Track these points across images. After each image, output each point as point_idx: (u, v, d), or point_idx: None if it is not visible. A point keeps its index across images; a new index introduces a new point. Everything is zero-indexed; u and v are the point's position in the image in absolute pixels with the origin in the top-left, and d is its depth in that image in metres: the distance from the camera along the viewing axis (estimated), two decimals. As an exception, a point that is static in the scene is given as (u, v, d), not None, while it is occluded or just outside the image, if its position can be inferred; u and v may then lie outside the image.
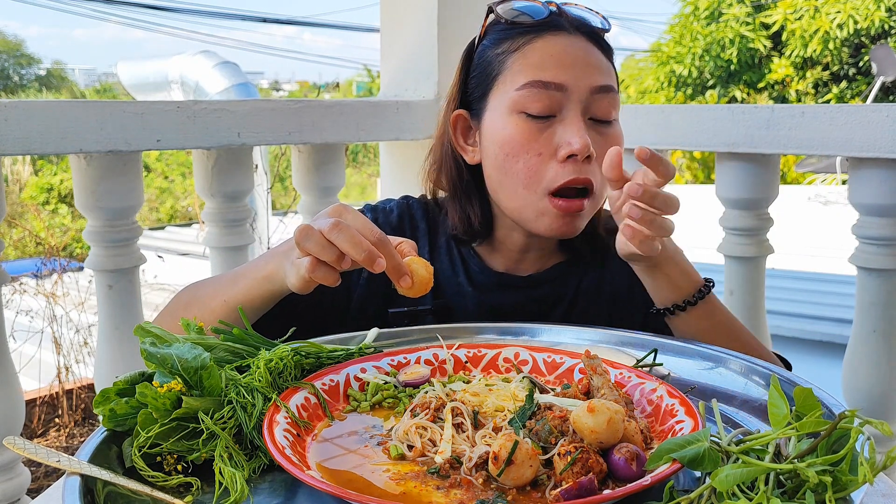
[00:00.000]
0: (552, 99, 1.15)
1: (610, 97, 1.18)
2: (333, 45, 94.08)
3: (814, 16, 16.13)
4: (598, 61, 1.19)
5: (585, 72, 1.16)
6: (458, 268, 1.30)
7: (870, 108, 1.70)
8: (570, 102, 1.15)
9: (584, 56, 1.18)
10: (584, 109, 1.16)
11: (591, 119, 1.17)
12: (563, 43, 1.18)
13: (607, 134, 1.18)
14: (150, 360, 0.86)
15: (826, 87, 16.66)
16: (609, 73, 1.20)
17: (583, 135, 1.13)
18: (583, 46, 1.19)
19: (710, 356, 1.06)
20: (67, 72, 34.17)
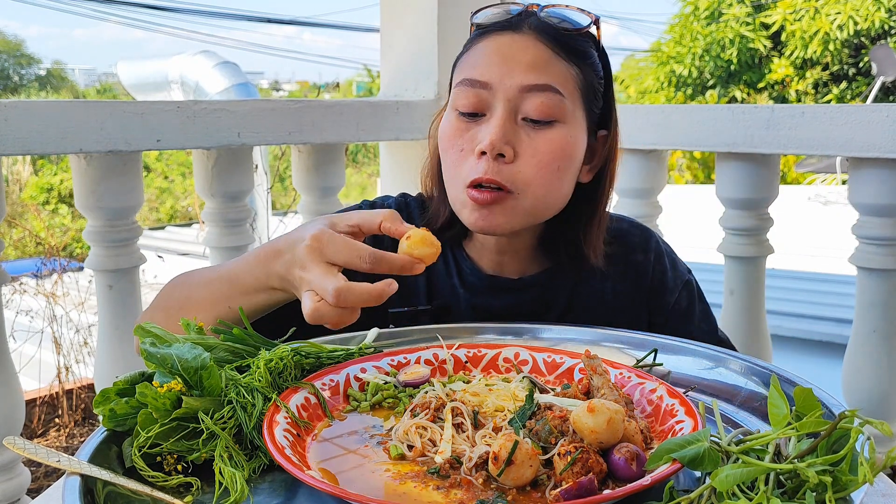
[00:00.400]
0: (479, 97, 1.13)
1: (545, 97, 1.11)
2: (333, 45, 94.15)
3: (814, 16, 16.13)
4: (538, 59, 1.13)
5: (516, 69, 1.12)
6: (451, 269, 1.29)
7: (870, 108, 1.70)
8: (496, 101, 1.12)
9: (519, 54, 1.13)
10: (511, 108, 1.12)
11: (525, 119, 1.13)
12: (501, 42, 1.14)
13: (540, 137, 1.12)
14: (150, 360, 0.86)
15: (826, 87, 16.66)
16: (549, 72, 1.13)
17: (495, 132, 1.10)
18: (524, 45, 1.13)
19: (710, 356, 1.06)
20: (67, 72, 34.18)
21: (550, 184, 1.14)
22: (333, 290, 0.90)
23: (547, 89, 1.12)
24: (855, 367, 1.85)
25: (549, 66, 1.13)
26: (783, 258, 4.62)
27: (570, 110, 1.15)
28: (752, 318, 1.99)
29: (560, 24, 1.16)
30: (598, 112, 1.22)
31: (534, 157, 1.12)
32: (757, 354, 1.93)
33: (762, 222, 1.96)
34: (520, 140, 1.13)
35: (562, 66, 1.14)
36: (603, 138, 1.24)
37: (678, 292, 1.32)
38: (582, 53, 1.17)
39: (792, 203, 8.23)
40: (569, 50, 1.15)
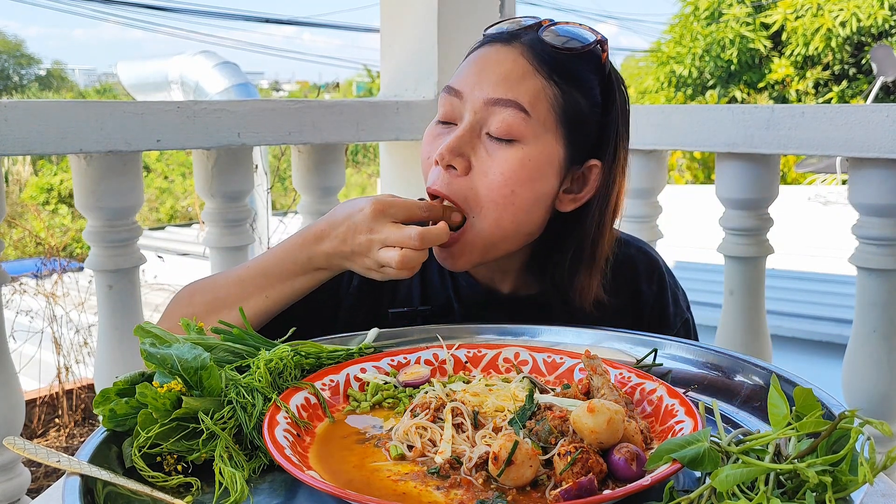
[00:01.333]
0: (452, 105, 1.11)
1: (507, 113, 1.06)
2: (333, 45, 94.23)
3: (816, 13, 16.13)
4: (511, 73, 1.08)
5: (486, 81, 1.08)
6: (447, 282, 1.26)
7: (870, 108, 1.70)
8: (465, 111, 1.09)
9: (494, 66, 1.09)
10: (476, 121, 1.08)
11: (488, 134, 1.08)
12: (485, 53, 1.12)
13: (497, 154, 1.07)
14: (150, 360, 0.86)
15: (826, 86, 16.66)
16: (519, 88, 1.07)
17: (449, 142, 1.07)
18: (503, 57, 1.09)
19: (710, 356, 1.06)
20: (67, 72, 34.18)
21: (503, 209, 1.08)
22: (417, 234, 1.02)
23: (511, 105, 1.07)
24: (855, 367, 1.85)
25: (522, 83, 1.08)
26: (783, 258, 4.62)
27: (536, 132, 1.08)
28: (752, 318, 1.99)
29: (554, 40, 1.11)
30: (588, 139, 1.13)
31: (486, 176, 1.07)
32: (757, 354, 1.93)
33: (762, 222, 1.96)
34: (477, 155, 1.08)
35: (537, 84, 1.09)
36: (594, 168, 1.14)
37: (676, 329, 1.29)
38: (570, 75, 1.11)
39: (792, 203, 8.23)
40: (554, 68, 1.09)
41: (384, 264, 1.04)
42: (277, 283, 1.13)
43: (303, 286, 1.14)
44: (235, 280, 1.17)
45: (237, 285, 1.16)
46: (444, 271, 1.27)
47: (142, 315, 1.90)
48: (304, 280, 1.13)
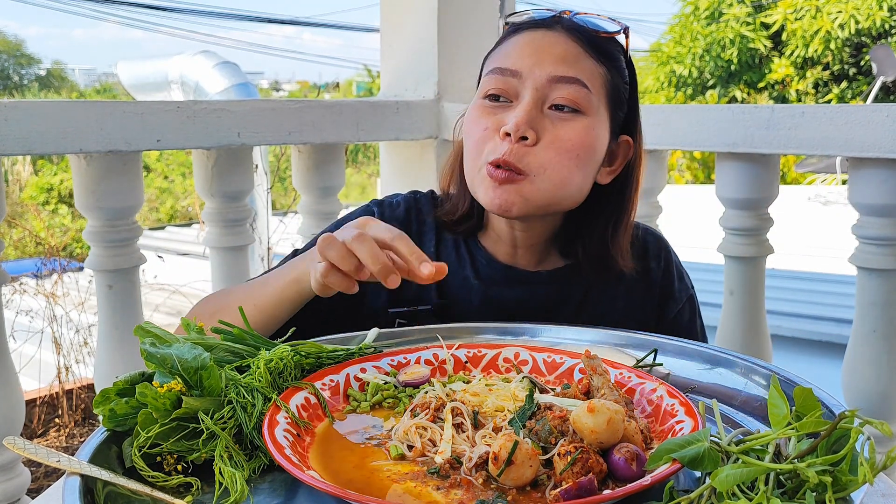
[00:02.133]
0: (508, 84, 1.17)
1: (573, 88, 1.15)
2: (333, 45, 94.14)
3: (815, 15, 16.13)
4: (568, 54, 1.17)
5: (546, 60, 1.16)
6: (464, 261, 1.31)
7: (870, 108, 1.70)
8: (525, 89, 1.16)
9: (550, 47, 1.17)
10: (539, 97, 1.16)
11: (552, 107, 1.16)
12: (534, 36, 1.19)
13: (563, 124, 1.16)
14: (150, 360, 0.86)
15: (826, 87, 16.66)
16: (578, 66, 1.16)
17: (521, 115, 1.14)
18: (556, 41, 1.18)
19: (710, 356, 1.06)
20: (67, 72, 34.17)
21: (567, 171, 1.17)
22: (358, 233, 0.96)
23: (575, 81, 1.16)
24: (855, 367, 1.85)
25: (579, 61, 1.17)
26: (783, 258, 4.62)
27: (596, 106, 1.18)
28: (752, 318, 1.99)
29: (589, 25, 1.20)
30: (622, 116, 1.24)
31: (553, 143, 1.15)
32: (757, 354, 1.93)
33: (762, 222, 1.96)
34: (544, 126, 1.16)
35: (590, 63, 1.18)
36: (625, 143, 1.26)
37: (682, 303, 1.35)
38: (610, 55, 1.21)
39: (792, 203, 8.23)
40: (598, 50, 1.19)
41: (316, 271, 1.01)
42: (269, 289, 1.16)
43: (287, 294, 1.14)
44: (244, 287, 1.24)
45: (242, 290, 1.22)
46: (462, 252, 1.31)
47: (142, 315, 1.90)
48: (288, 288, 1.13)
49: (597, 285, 1.30)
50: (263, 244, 4.04)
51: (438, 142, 2.34)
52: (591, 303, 1.30)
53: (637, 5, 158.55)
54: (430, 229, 1.34)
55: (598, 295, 1.30)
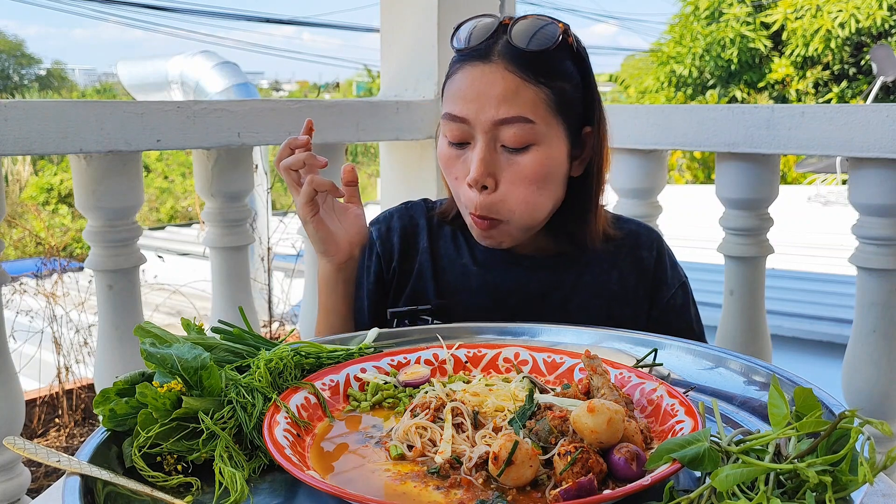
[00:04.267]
0: (461, 130, 1.21)
1: (517, 127, 1.18)
2: (333, 45, 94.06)
3: (815, 15, 16.12)
4: (507, 91, 1.17)
5: (487, 105, 1.18)
6: (462, 250, 1.36)
7: (870, 108, 1.70)
8: (476, 133, 1.20)
9: (489, 89, 1.18)
10: (489, 139, 1.19)
11: (504, 146, 1.20)
12: (473, 75, 1.20)
13: (517, 162, 1.20)
14: (150, 360, 0.85)
15: (826, 86, 16.66)
16: (518, 102, 1.18)
17: (477, 167, 1.19)
18: (493, 78, 1.18)
19: (710, 356, 1.06)
20: (67, 72, 34.16)
21: (535, 199, 1.23)
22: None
23: (518, 120, 1.18)
24: (855, 367, 1.85)
25: (519, 96, 1.18)
26: (783, 258, 4.62)
27: (545, 132, 1.20)
28: (752, 318, 1.99)
29: (528, 45, 1.18)
30: (579, 113, 1.25)
31: (513, 182, 1.20)
32: (757, 354, 1.93)
33: (762, 222, 1.96)
34: (500, 167, 1.21)
35: (531, 92, 1.19)
36: (588, 133, 1.27)
37: (674, 289, 1.37)
38: (553, 71, 1.20)
39: (792, 203, 8.23)
40: (538, 72, 1.19)
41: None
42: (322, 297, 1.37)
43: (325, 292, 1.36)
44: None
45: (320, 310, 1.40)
46: (460, 242, 1.37)
47: (142, 315, 1.90)
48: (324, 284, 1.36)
49: (591, 270, 1.33)
50: (263, 244, 4.04)
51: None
52: (585, 287, 1.33)
53: (637, 5, 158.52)
54: (422, 230, 1.39)
55: (591, 279, 1.33)
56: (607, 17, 63.23)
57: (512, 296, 1.31)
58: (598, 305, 1.31)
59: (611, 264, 1.34)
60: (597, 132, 1.28)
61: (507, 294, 1.32)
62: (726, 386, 1.01)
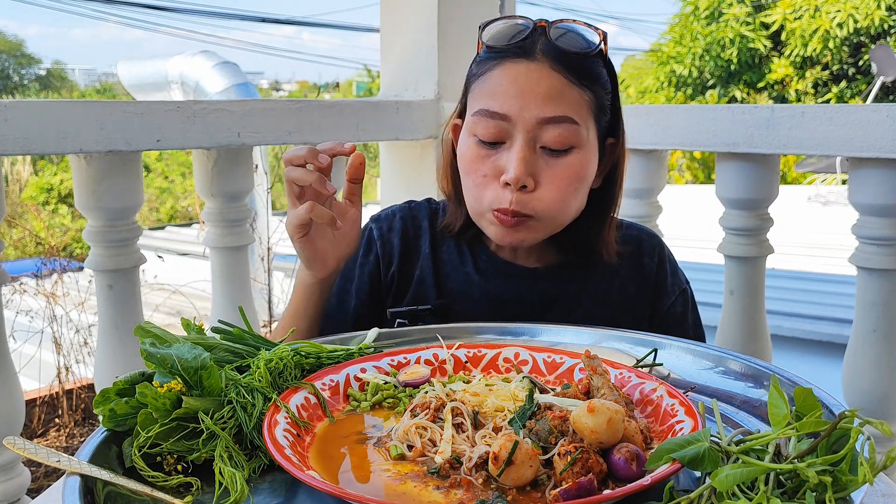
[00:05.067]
0: (498, 127, 1.18)
1: (562, 128, 1.16)
2: (333, 45, 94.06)
3: (814, 15, 16.13)
4: (553, 90, 1.16)
5: (533, 102, 1.16)
6: (465, 259, 1.34)
7: (870, 108, 1.70)
8: (516, 131, 1.17)
9: (535, 86, 1.16)
10: (530, 139, 1.17)
11: (543, 148, 1.18)
12: (517, 72, 1.17)
13: (558, 164, 1.18)
14: (150, 360, 0.85)
15: (826, 86, 16.66)
16: (564, 102, 1.17)
17: (518, 166, 1.16)
18: (539, 76, 1.16)
19: (710, 356, 1.06)
20: (67, 72, 34.15)
21: (568, 202, 1.21)
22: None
23: (564, 120, 1.17)
24: (855, 367, 1.85)
25: (564, 96, 1.17)
26: (783, 258, 4.62)
27: (585, 136, 1.19)
28: (752, 318, 1.99)
29: (570, 47, 1.18)
30: (607, 123, 1.25)
31: (552, 184, 1.18)
32: (757, 354, 1.93)
33: (762, 222, 1.96)
34: (539, 168, 1.19)
35: (576, 94, 1.18)
36: (611, 145, 1.28)
37: (674, 297, 1.37)
38: (593, 75, 1.20)
39: (792, 203, 8.23)
40: (581, 75, 1.18)
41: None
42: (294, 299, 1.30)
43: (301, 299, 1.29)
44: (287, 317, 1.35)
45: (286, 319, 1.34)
46: (463, 250, 1.35)
47: (142, 315, 1.90)
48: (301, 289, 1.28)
49: (592, 280, 1.33)
50: (263, 244, 4.04)
51: (438, 142, 2.34)
52: (587, 297, 1.33)
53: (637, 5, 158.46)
54: (424, 233, 1.37)
55: (593, 289, 1.33)
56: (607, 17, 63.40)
57: (514, 306, 1.30)
58: (601, 314, 1.30)
59: (613, 272, 1.33)
60: (620, 144, 1.28)
61: (508, 304, 1.30)
62: (726, 386, 1.01)
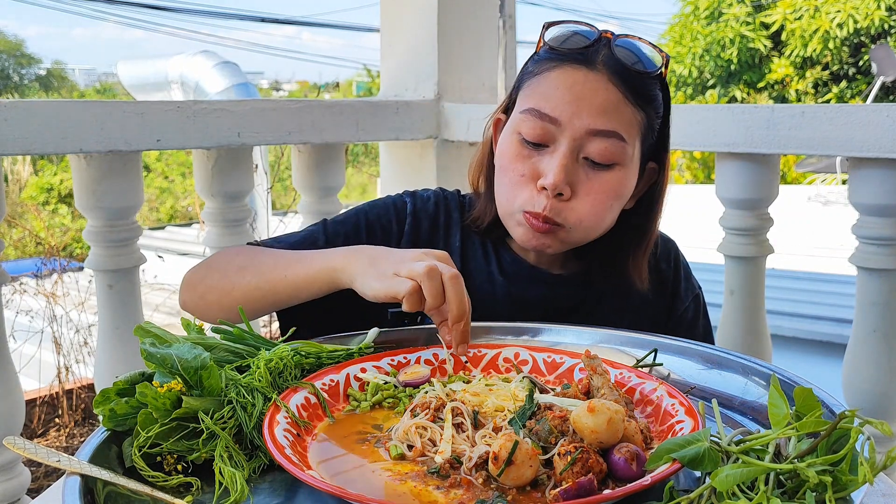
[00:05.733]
0: (545, 129, 1.16)
1: (609, 143, 1.15)
2: (333, 45, 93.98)
3: (814, 15, 16.12)
4: (608, 104, 1.15)
5: (586, 111, 1.14)
6: (490, 258, 1.33)
7: (870, 108, 1.70)
8: (563, 137, 1.15)
9: (591, 96, 1.14)
10: (575, 147, 1.15)
11: (586, 159, 1.16)
12: (575, 78, 1.16)
13: (598, 178, 1.17)
14: (150, 360, 0.86)
15: (826, 86, 16.65)
16: (617, 118, 1.15)
17: (558, 173, 1.14)
18: (597, 86, 1.15)
19: (710, 356, 1.06)
20: (67, 72, 34.12)
21: (602, 218, 1.20)
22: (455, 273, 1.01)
23: (612, 136, 1.15)
24: (855, 367, 1.85)
25: (618, 112, 1.15)
26: (783, 258, 4.62)
27: (629, 154, 1.18)
28: (752, 318, 1.99)
29: (634, 64, 1.17)
30: (652, 146, 1.24)
31: (589, 196, 1.17)
32: (757, 354, 1.93)
33: (762, 222, 1.96)
34: (578, 179, 1.17)
35: (629, 112, 1.16)
36: (651, 170, 1.26)
37: (688, 302, 1.38)
38: (649, 96, 1.19)
39: (792, 203, 8.23)
40: (638, 93, 1.17)
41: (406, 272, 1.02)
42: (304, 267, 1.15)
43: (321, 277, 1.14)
44: (277, 255, 1.22)
45: (274, 257, 1.21)
46: (489, 250, 1.34)
47: (142, 315, 1.90)
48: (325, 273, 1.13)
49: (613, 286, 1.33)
50: (263, 244, 4.03)
51: (438, 142, 2.35)
52: (607, 303, 1.33)
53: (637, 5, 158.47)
54: (455, 224, 1.35)
55: (612, 293, 1.33)
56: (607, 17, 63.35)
57: (535, 309, 1.29)
58: (620, 321, 1.29)
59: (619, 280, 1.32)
60: (662, 171, 1.27)
61: (531, 307, 1.30)
62: (726, 386, 1.01)
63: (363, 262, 1.09)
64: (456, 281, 1.00)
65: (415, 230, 1.33)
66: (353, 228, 1.32)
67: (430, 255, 1.04)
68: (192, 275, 1.29)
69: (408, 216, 1.34)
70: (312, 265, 1.15)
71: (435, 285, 0.99)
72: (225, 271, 1.23)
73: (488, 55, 2.43)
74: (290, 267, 1.17)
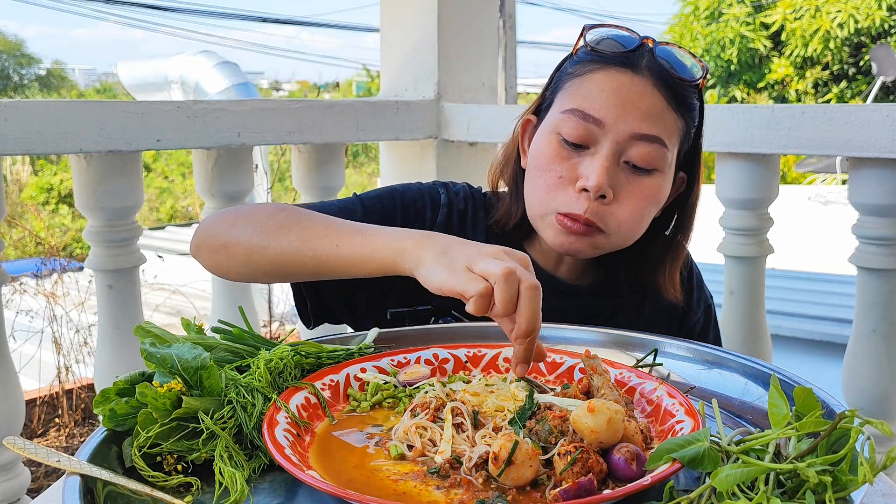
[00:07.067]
0: (588, 131, 1.15)
1: (652, 147, 1.14)
2: (333, 45, 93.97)
3: (814, 15, 16.13)
4: (653, 109, 1.14)
5: (632, 115, 1.14)
6: None
7: (870, 108, 1.70)
8: (605, 140, 1.14)
9: (636, 99, 1.14)
10: (617, 150, 1.15)
11: (627, 163, 1.16)
12: (621, 81, 1.15)
13: (639, 182, 1.16)
14: (150, 360, 0.85)
15: (826, 86, 16.66)
16: (661, 123, 1.15)
17: (601, 174, 1.13)
18: (642, 90, 1.15)
19: (710, 356, 1.06)
20: (67, 72, 34.11)
21: (639, 224, 1.20)
22: (534, 284, 0.88)
23: (656, 141, 1.15)
24: (855, 367, 1.85)
25: (662, 117, 1.16)
26: (783, 258, 4.61)
27: (669, 161, 1.18)
28: (752, 318, 1.99)
29: (676, 70, 1.17)
30: (684, 156, 1.24)
31: (630, 201, 1.16)
32: (757, 354, 1.93)
33: (762, 222, 1.96)
34: (620, 183, 1.16)
35: (672, 118, 1.17)
36: (680, 179, 1.27)
37: (699, 313, 1.38)
38: (689, 105, 1.20)
39: (792, 203, 8.23)
40: (680, 101, 1.17)
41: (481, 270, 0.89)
42: (361, 242, 1.03)
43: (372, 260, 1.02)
44: (327, 220, 1.10)
45: (324, 223, 1.09)
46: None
47: (142, 315, 1.90)
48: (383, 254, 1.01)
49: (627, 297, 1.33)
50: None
51: (438, 142, 2.35)
52: (623, 313, 1.32)
53: (637, 5, 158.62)
54: (481, 222, 1.33)
55: (627, 305, 1.33)
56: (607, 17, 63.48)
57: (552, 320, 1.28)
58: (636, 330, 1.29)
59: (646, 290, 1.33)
60: (694, 180, 1.28)
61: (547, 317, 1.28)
62: (726, 386, 1.01)
63: (435, 250, 0.95)
64: (535, 292, 0.88)
65: (448, 222, 1.30)
66: (389, 205, 1.27)
67: (511, 256, 0.92)
68: (215, 221, 1.19)
69: (442, 206, 1.30)
70: (374, 241, 1.02)
71: (510, 292, 0.87)
72: (262, 225, 1.11)
73: (488, 55, 2.44)
74: (345, 238, 1.04)
